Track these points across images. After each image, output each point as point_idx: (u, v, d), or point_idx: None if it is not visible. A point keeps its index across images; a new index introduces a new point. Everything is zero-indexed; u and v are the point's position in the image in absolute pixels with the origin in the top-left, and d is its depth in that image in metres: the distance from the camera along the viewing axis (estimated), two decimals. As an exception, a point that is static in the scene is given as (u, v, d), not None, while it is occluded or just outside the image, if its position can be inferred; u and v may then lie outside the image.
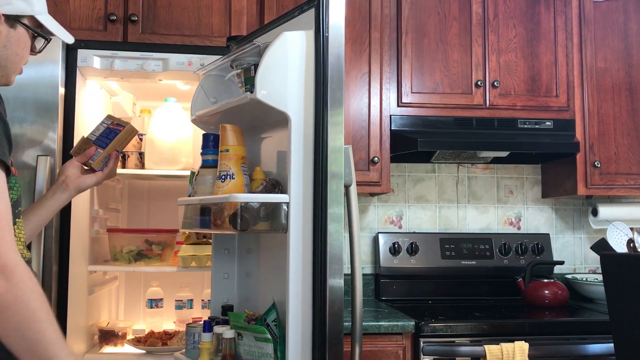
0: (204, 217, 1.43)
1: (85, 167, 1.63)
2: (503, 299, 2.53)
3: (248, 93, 1.37)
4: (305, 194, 1.30)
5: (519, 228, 2.73)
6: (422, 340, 1.92)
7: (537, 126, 2.38)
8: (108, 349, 2.00)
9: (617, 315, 1.54)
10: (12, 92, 1.75)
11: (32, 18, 1.23)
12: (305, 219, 1.30)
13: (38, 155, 1.71)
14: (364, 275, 2.54)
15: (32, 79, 1.75)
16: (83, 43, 1.88)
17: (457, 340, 1.94)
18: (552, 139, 2.36)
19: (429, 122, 2.35)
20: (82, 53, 1.87)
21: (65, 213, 1.76)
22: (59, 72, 1.78)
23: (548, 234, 2.65)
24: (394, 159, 2.48)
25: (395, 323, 1.94)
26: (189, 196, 1.59)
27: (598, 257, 1.87)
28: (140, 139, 2.14)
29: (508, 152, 2.47)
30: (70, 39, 1.39)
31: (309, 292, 1.29)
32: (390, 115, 2.34)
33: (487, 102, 2.38)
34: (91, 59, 1.88)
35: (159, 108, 2.14)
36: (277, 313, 1.34)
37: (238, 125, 1.44)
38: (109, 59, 1.90)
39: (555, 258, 2.70)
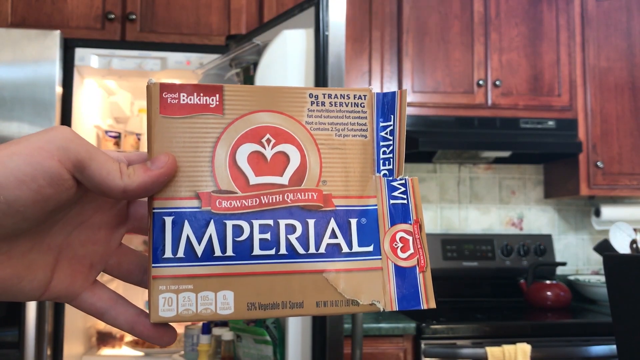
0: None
1: None
2: (505, 301, 2.51)
3: (247, 92, 1.35)
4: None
5: (521, 229, 2.71)
6: (423, 342, 1.91)
7: (539, 126, 2.36)
8: (106, 351, 1.98)
9: (620, 316, 1.52)
10: (9, 92, 1.73)
11: None
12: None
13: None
14: (364, 276, 2.52)
15: (29, 78, 1.74)
16: (81, 42, 1.87)
17: (458, 342, 1.92)
18: (555, 139, 2.34)
19: (430, 122, 2.33)
20: (79, 52, 1.85)
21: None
22: (56, 71, 1.77)
23: (550, 235, 2.63)
24: (395, 159, 2.46)
25: (396, 325, 1.92)
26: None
27: (601, 258, 1.86)
28: (138, 139, 2.12)
29: (510, 152, 2.45)
30: None
31: (309, 294, 1.27)
32: (391, 115, 2.32)
33: (489, 102, 2.36)
34: (89, 58, 1.86)
35: (157, 107, 2.13)
36: (276, 315, 1.32)
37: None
38: (107, 57, 1.88)
39: (558, 259, 2.68)
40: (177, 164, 0.34)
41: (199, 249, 0.33)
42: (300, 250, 0.35)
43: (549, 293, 2.31)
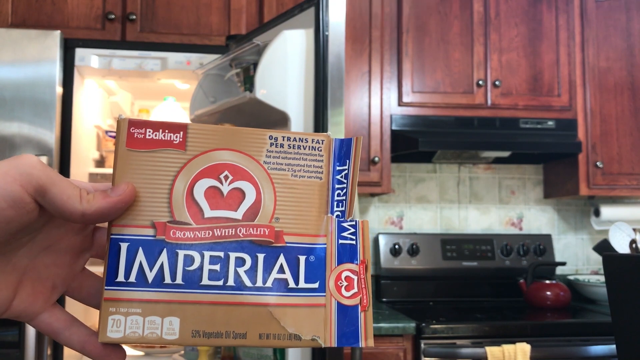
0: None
1: None
2: (505, 300, 2.51)
3: (247, 92, 1.35)
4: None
5: (520, 229, 2.71)
6: (422, 342, 1.91)
7: (539, 126, 2.37)
8: (106, 350, 1.98)
9: (619, 316, 1.52)
10: (9, 92, 1.73)
11: None
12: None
13: (35, 155, 1.70)
14: (364, 276, 2.52)
15: (29, 78, 1.74)
16: (81, 42, 1.87)
17: (458, 341, 1.93)
18: (554, 139, 2.35)
19: (430, 122, 2.33)
20: (80, 52, 1.85)
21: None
22: (56, 72, 1.77)
23: (550, 235, 2.64)
24: (395, 159, 2.46)
25: (396, 325, 1.92)
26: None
27: (600, 258, 1.85)
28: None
29: (510, 152, 2.46)
30: None
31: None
32: (391, 115, 2.32)
33: (489, 102, 2.37)
34: (89, 58, 1.86)
35: (157, 107, 2.13)
36: (276, 315, 1.32)
37: (237, 125, 1.43)
38: (107, 58, 1.89)
39: (557, 259, 2.68)
40: (137, 193, 0.36)
41: (150, 276, 0.35)
42: (248, 283, 0.36)
43: (548, 293, 2.31)
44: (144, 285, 0.35)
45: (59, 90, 1.79)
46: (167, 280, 0.35)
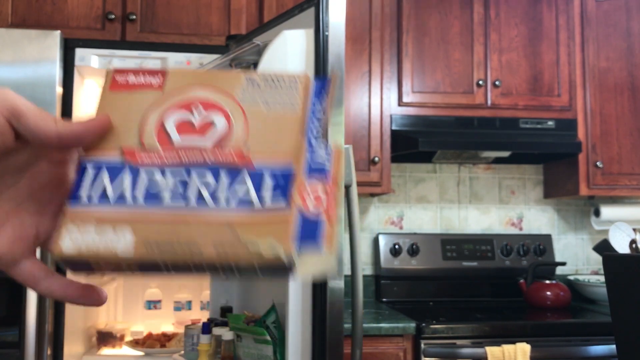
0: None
1: None
2: (505, 301, 2.51)
3: (247, 92, 1.35)
4: (305, 195, 1.29)
5: (520, 229, 2.71)
6: (423, 342, 1.91)
7: (539, 126, 2.37)
8: (106, 350, 1.98)
9: (619, 316, 1.52)
10: (9, 92, 1.73)
11: None
12: (305, 220, 1.28)
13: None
14: (364, 276, 2.53)
15: (29, 78, 1.74)
16: (81, 42, 1.87)
17: (458, 342, 1.93)
18: (554, 139, 2.35)
19: (430, 122, 2.33)
20: (80, 52, 1.85)
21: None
22: (56, 72, 1.77)
23: (550, 235, 2.64)
24: (395, 159, 2.46)
25: (396, 325, 1.92)
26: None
27: (600, 258, 1.86)
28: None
29: (510, 152, 2.46)
30: None
31: (309, 294, 1.28)
32: (391, 115, 2.32)
33: (489, 102, 2.37)
34: (89, 58, 1.86)
35: (157, 108, 2.13)
36: (276, 315, 1.32)
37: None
38: (107, 58, 1.89)
39: (557, 259, 2.68)
40: (112, 124, 0.38)
41: (111, 194, 0.36)
42: (211, 204, 0.36)
43: (548, 293, 2.31)
44: (104, 203, 0.35)
45: (59, 90, 1.79)
46: (129, 199, 0.36)
